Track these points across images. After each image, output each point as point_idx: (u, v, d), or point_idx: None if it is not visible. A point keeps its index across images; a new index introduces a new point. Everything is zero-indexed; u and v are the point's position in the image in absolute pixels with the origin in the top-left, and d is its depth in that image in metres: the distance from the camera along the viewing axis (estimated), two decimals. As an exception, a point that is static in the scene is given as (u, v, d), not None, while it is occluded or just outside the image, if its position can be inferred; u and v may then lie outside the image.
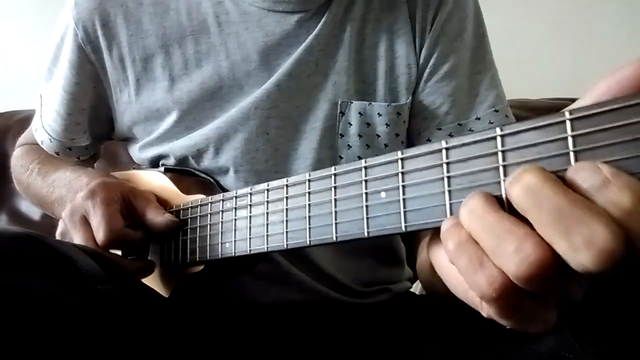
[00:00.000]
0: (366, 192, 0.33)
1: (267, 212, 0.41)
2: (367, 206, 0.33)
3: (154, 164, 0.66)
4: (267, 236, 0.41)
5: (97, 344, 0.38)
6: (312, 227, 0.37)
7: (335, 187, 0.36)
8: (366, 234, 0.33)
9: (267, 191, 0.42)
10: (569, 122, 0.25)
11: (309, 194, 0.37)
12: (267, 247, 0.41)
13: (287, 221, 0.39)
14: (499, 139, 0.27)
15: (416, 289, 0.79)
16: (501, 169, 0.27)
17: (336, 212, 0.35)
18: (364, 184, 0.34)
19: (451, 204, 0.29)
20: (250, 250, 0.43)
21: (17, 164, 0.75)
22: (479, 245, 0.26)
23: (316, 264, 0.63)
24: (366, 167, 0.34)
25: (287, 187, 0.40)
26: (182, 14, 0.61)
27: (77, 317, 0.37)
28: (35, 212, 1.12)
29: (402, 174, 0.31)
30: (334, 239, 0.35)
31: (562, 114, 0.25)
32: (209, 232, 0.48)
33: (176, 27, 0.61)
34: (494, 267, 0.25)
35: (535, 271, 0.23)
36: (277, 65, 0.60)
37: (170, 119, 0.62)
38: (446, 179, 0.29)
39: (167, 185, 0.58)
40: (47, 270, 0.38)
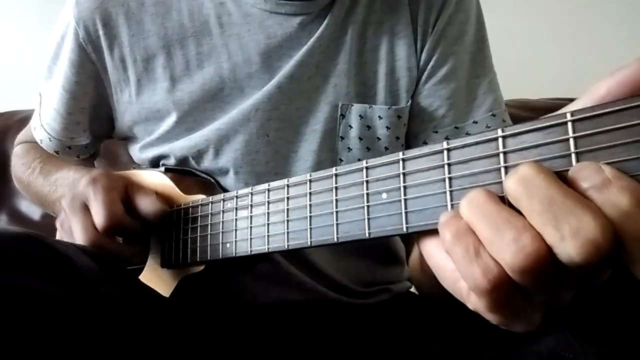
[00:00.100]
0: (367, 193, 0.33)
1: (268, 213, 0.41)
2: (368, 207, 0.33)
3: (154, 164, 0.66)
4: (268, 236, 0.41)
5: (97, 344, 0.38)
6: (313, 228, 0.37)
7: (336, 188, 0.36)
8: (367, 235, 0.33)
9: (268, 191, 0.42)
10: (570, 124, 0.25)
11: (310, 194, 0.37)
12: (268, 248, 0.41)
13: (288, 221, 0.39)
14: (501, 140, 0.27)
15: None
16: (502, 170, 0.27)
17: (337, 212, 0.35)
18: (365, 184, 0.34)
19: (452, 205, 0.29)
20: (251, 250, 0.43)
21: (18, 162, 0.74)
22: (476, 236, 0.26)
23: (315, 265, 0.63)
24: (367, 168, 0.34)
25: (288, 187, 0.40)
26: (184, 15, 0.61)
27: (77, 317, 0.37)
28: (35, 212, 1.12)
29: (404, 174, 0.31)
30: (335, 240, 0.35)
31: (564, 115, 0.25)
32: (209, 232, 0.48)
33: (178, 27, 0.61)
34: (489, 258, 0.25)
35: (530, 263, 0.24)
36: (279, 67, 0.60)
37: (170, 120, 0.62)
38: (447, 180, 0.29)
39: (168, 185, 0.58)
40: (47, 270, 0.38)
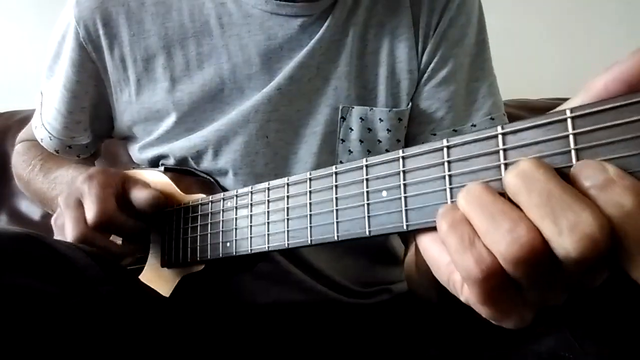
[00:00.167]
0: (367, 191, 0.33)
1: (268, 211, 0.41)
2: (368, 205, 0.33)
3: (154, 164, 0.66)
4: (268, 235, 0.41)
5: (97, 344, 0.38)
6: (313, 226, 0.37)
7: (336, 186, 0.36)
8: (367, 233, 0.33)
9: (268, 190, 0.42)
10: (570, 120, 0.25)
11: (310, 192, 0.37)
12: (268, 247, 0.41)
13: (288, 220, 0.39)
14: (500, 137, 0.27)
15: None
16: (502, 167, 0.27)
17: (337, 210, 0.35)
18: (365, 182, 0.34)
19: (452, 202, 0.29)
20: (251, 249, 0.43)
21: (19, 159, 0.74)
22: (472, 226, 0.26)
23: (314, 264, 0.63)
24: (367, 166, 0.34)
25: (288, 185, 0.40)
26: (184, 15, 0.61)
27: (77, 317, 0.37)
28: (35, 212, 1.11)
29: (404, 172, 0.31)
30: (336, 238, 0.35)
31: (563, 112, 0.25)
32: (209, 231, 0.48)
33: (178, 28, 0.61)
34: (483, 247, 0.25)
35: (525, 254, 0.24)
36: (279, 68, 0.60)
37: (170, 120, 0.62)
38: (447, 177, 0.29)
39: (167, 184, 0.58)
40: (47, 270, 0.38)
